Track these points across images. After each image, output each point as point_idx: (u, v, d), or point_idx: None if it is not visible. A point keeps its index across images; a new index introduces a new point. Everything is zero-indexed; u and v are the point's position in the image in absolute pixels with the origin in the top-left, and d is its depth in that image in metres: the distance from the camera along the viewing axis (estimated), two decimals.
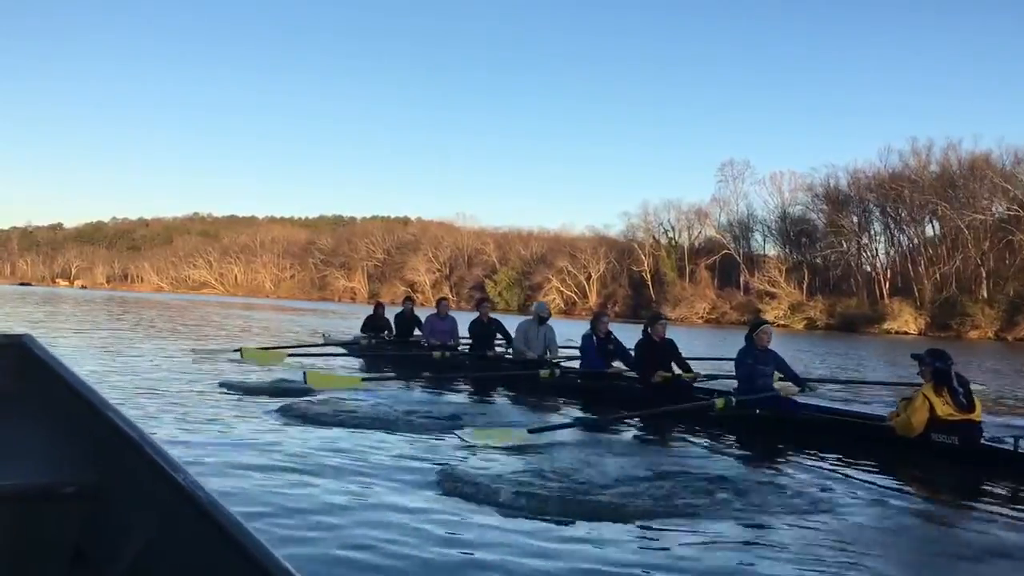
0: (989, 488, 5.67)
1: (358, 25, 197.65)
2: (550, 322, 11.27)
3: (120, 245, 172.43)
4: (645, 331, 8.97)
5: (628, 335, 10.58)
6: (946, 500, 5.51)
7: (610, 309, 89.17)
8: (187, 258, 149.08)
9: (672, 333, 9.39)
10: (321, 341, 15.84)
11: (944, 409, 6.13)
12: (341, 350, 14.37)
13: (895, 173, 75.59)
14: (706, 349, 21.66)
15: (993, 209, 64.72)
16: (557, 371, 9.75)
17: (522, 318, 12.24)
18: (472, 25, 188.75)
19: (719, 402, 7.27)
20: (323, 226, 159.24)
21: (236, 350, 12.16)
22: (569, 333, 13.20)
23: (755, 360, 7.75)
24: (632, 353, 9.46)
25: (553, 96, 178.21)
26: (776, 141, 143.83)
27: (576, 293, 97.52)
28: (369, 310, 15.60)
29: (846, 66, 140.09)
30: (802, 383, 7.94)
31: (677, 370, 8.87)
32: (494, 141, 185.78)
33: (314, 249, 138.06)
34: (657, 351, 8.83)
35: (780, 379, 7.88)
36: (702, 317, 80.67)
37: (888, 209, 76.34)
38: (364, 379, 9.49)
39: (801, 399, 7.86)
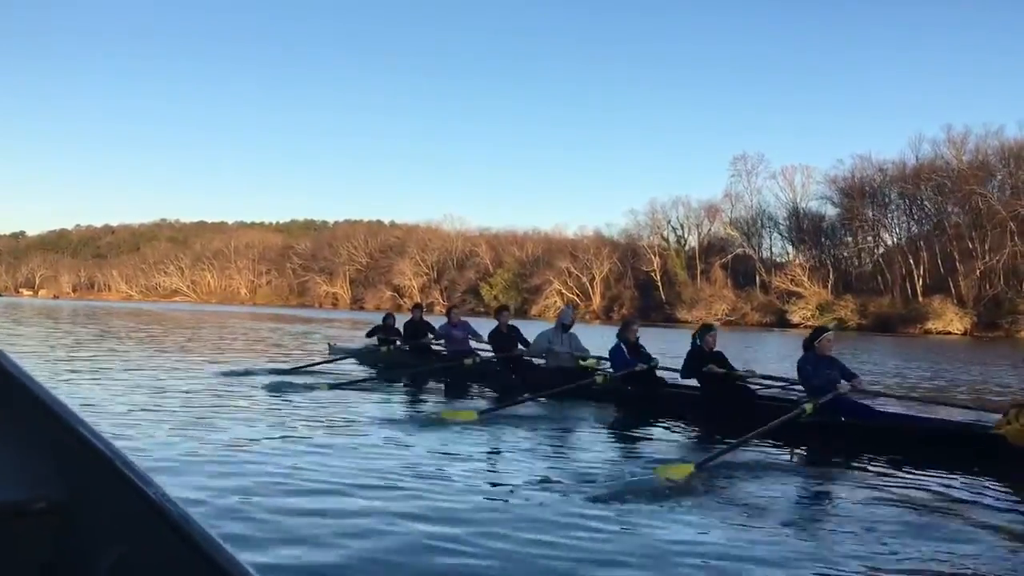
0: None
1: (332, 26, 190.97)
2: (574, 329, 10.98)
3: (85, 253, 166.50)
4: (695, 342, 8.74)
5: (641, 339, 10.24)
6: None
7: (616, 312, 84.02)
8: (157, 265, 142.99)
9: (687, 336, 9.43)
10: (327, 351, 15.53)
11: None
12: (354, 362, 13.81)
13: (928, 163, 70.57)
14: (732, 356, 18.88)
15: None
16: (609, 376, 9.42)
17: (519, 322, 12.10)
18: (462, 23, 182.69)
19: (808, 407, 6.94)
20: (296, 230, 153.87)
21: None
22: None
23: (818, 367, 7.41)
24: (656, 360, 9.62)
25: (539, 95, 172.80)
26: (787, 139, 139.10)
27: (579, 295, 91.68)
28: (372, 318, 15.63)
29: (859, 60, 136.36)
30: (854, 380, 7.46)
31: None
32: (480, 142, 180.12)
33: (292, 254, 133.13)
34: (708, 363, 8.57)
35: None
36: (720, 319, 74.87)
37: (924, 202, 71.23)
38: (481, 412, 8.16)
39: (879, 407, 7.64)
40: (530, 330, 12.22)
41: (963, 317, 62.42)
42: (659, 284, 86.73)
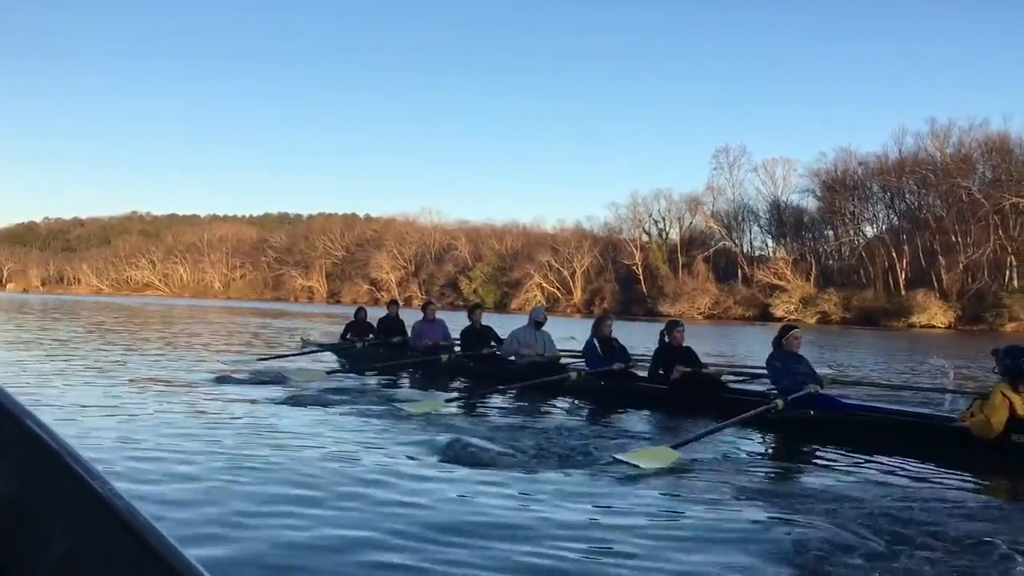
0: None
1: (305, 19, 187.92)
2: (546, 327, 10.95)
3: (54, 246, 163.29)
4: (663, 338, 8.81)
5: (621, 333, 10.24)
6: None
7: (597, 306, 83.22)
8: (128, 258, 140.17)
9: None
10: (300, 345, 15.39)
11: None
12: (329, 355, 13.72)
13: (912, 157, 70.26)
14: (711, 349, 19.14)
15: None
16: (583, 373, 9.38)
17: (499, 316, 12.41)
18: (438, 15, 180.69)
19: (780, 403, 7.07)
20: (271, 223, 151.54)
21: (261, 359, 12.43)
22: (555, 332, 11.80)
23: (786, 363, 7.58)
24: (630, 354, 9.62)
25: (516, 87, 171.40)
26: (771, 132, 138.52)
27: (559, 289, 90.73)
28: (349, 313, 15.41)
29: (844, 53, 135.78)
30: (820, 379, 7.65)
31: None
32: (457, 135, 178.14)
33: (267, 247, 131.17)
34: (677, 358, 8.60)
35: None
36: (703, 313, 74.46)
37: (907, 195, 70.92)
38: (447, 400, 8.53)
39: (847, 399, 7.70)
40: (508, 324, 12.02)
41: (947, 310, 62.16)
42: (641, 278, 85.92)
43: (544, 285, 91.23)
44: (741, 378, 9.22)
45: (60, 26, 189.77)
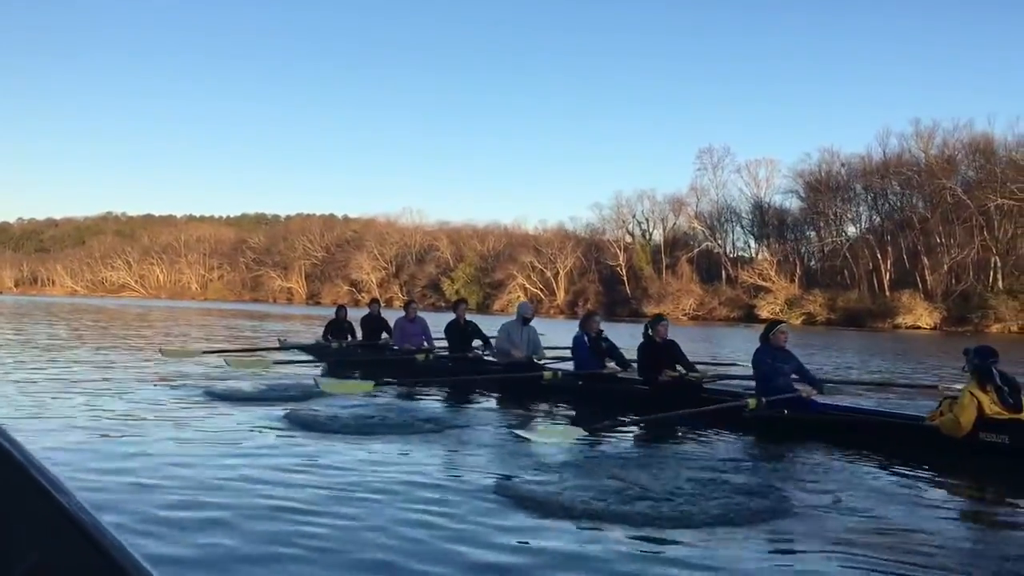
0: None
1: (278, 17, 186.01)
2: (533, 322, 10.89)
3: (27, 247, 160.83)
4: (646, 332, 8.77)
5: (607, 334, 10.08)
6: (998, 501, 5.29)
7: (581, 306, 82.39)
8: (103, 259, 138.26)
9: None
10: (277, 346, 15.03)
11: (992, 408, 5.96)
12: (304, 355, 13.59)
13: (896, 157, 70.07)
14: (695, 348, 19.32)
15: (1014, 191, 58.66)
16: (559, 373, 9.51)
17: (481, 317, 12.49)
18: (419, 13, 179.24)
19: (752, 402, 7.16)
20: (248, 224, 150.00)
21: (207, 351, 12.94)
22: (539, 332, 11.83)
23: (774, 360, 7.60)
24: (623, 352, 9.54)
25: (497, 88, 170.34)
26: (754, 134, 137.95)
27: (543, 290, 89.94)
28: (329, 314, 15.37)
29: (829, 54, 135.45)
30: (819, 385, 7.71)
31: (681, 370, 8.62)
32: (438, 135, 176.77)
33: (245, 248, 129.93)
34: (660, 353, 8.66)
35: (794, 380, 7.73)
36: (687, 314, 73.91)
37: (891, 196, 70.71)
38: (377, 384, 8.98)
39: (823, 400, 7.67)
40: (491, 325, 11.96)
41: (932, 312, 61.90)
42: (624, 279, 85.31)
43: (527, 286, 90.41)
44: (730, 379, 9.42)
45: (29, 25, 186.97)
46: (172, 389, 9.50)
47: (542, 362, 10.45)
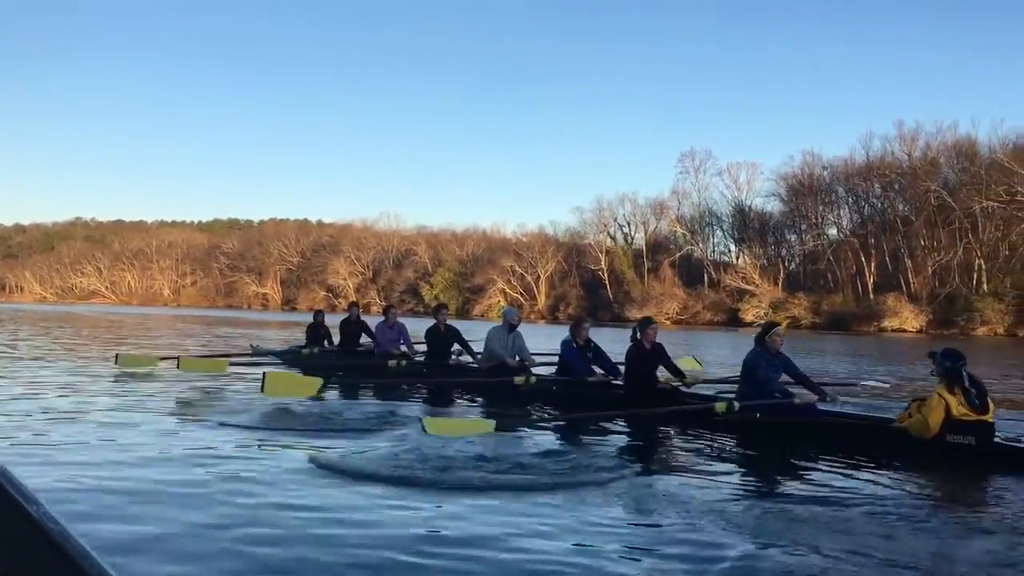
0: (1009, 488, 5.51)
1: (255, 20, 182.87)
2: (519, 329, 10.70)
3: None
4: (634, 336, 8.58)
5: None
6: (965, 502, 5.32)
7: (562, 311, 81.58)
8: (73, 265, 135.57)
9: None
10: (250, 352, 14.81)
11: (959, 409, 6.04)
12: (276, 360, 13.41)
13: (879, 160, 69.77)
14: (679, 354, 18.18)
15: (1000, 193, 58.25)
16: (533, 378, 9.37)
17: (461, 322, 11.81)
18: (394, 17, 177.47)
19: (719, 405, 7.13)
20: (221, 229, 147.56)
21: (164, 358, 12.54)
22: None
23: (767, 364, 7.45)
24: (611, 359, 9.33)
25: (475, 91, 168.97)
26: (738, 138, 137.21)
27: (523, 295, 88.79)
28: (306, 319, 15.29)
29: (813, 57, 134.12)
30: (821, 391, 7.47)
31: (667, 374, 8.65)
32: (414, 139, 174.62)
33: (218, 253, 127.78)
34: (649, 358, 8.45)
35: (787, 384, 7.70)
36: (671, 318, 72.96)
37: (874, 199, 70.32)
38: (326, 383, 8.77)
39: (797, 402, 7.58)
40: (469, 330, 11.77)
41: (918, 315, 61.42)
42: (606, 283, 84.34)
43: (507, 291, 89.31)
44: (726, 386, 9.27)
45: None
46: (120, 399, 9.07)
47: (531, 369, 10.20)
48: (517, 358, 10.26)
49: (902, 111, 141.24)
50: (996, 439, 6.20)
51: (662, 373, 8.77)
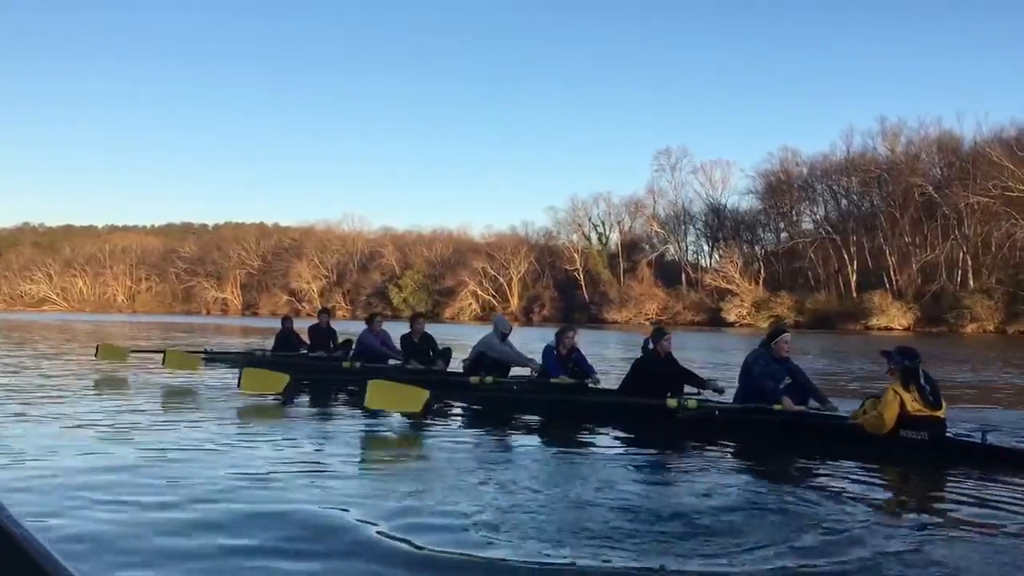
0: (958, 481, 5.65)
1: (207, 19, 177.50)
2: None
3: None
4: (646, 347, 8.45)
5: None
6: (919, 496, 5.48)
7: (536, 313, 79.23)
8: (22, 272, 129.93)
9: (619, 338, 12.61)
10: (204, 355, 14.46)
11: (914, 405, 6.17)
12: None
13: (860, 156, 68.60)
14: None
15: (990, 188, 57.06)
16: (485, 379, 9.21)
17: (431, 326, 11.92)
18: (355, 15, 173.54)
19: (672, 401, 7.26)
20: (175, 234, 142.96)
21: (160, 351, 12.93)
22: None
23: (766, 365, 7.30)
24: (594, 369, 9.30)
25: (442, 90, 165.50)
26: (717, 136, 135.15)
27: (495, 297, 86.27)
28: (268, 325, 16.09)
29: (794, 55, 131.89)
30: (825, 400, 7.31)
31: (688, 388, 8.27)
32: (376, 140, 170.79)
33: (175, 258, 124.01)
34: (660, 370, 8.22)
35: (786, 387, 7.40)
36: (650, 319, 70.91)
37: (856, 195, 69.05)
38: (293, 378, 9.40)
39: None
40: (440, 334, 11.57)
41: (906, 312, 60.04)
42: (582, 284, 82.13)
43: (479, 293, 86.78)
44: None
45: None
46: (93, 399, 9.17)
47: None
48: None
49: (885, 110, 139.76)
50: (947, 435, 6.33)
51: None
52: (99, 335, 27.84)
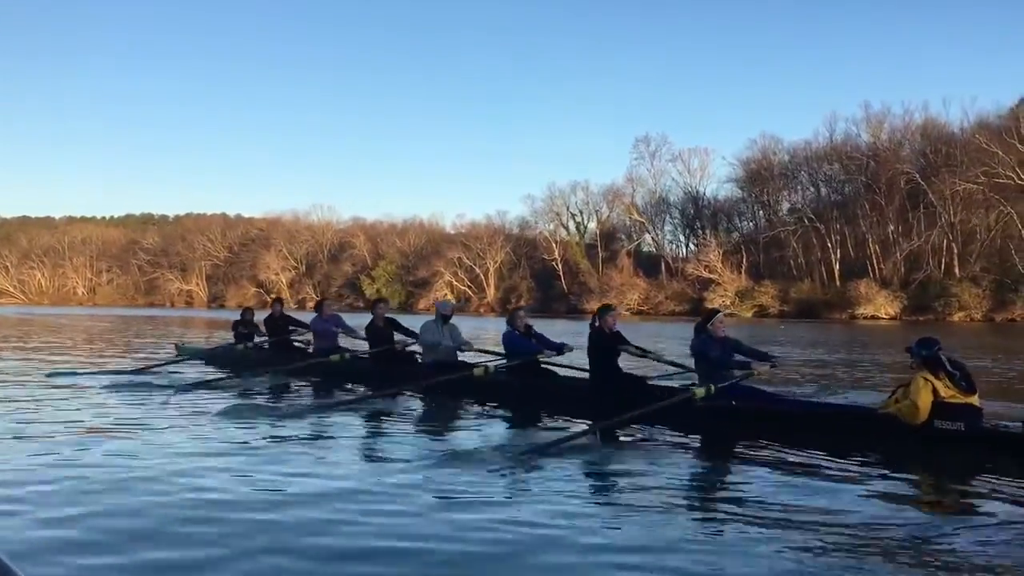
0: (999, 475, 5.31)
1: (165, 9, 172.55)
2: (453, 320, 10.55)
3: None
4: (594, 324, 8.48)
5: (544, 332, 9.87)
6: (958, 491, 5.17)
7: (513, 303, 77.49)
8: None
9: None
10: (175, 353, 14.69)
11: (947, 391, 5.92)
12: (204, 363, 13.28)
13: (843, 143, 67.58)
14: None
15: (979, 175, 56.15)
16: (492, 367, 9.17)
17: (405, 317, 12.22)
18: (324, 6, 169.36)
19: (699, 391, 7.03)
20: (135, 225, 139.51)
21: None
22: (466, 329, 11.79)
23: (717, 349, 7.46)
24: (553, 340, 9.44)
25: (411, 80, 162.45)
26: (698, 125, 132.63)
27: (471, 287, 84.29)
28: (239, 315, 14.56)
29: (777, 42, 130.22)
30: (768, 357, 7.57)
31: (635, 351, 8.55)
32: (344, 132, 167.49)
33: (137, 249, 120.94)
34: (607, 344, 8.31)
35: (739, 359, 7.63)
36: (631, 309, 69.49)
37: (839, 182, 68.00)
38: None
39: (768, 389, 7.83)
40: (415, 324, 11.20)
41: (893, 301, 59.06)
42: (560, 274, 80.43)
43: (454, 283, 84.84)
44: (675, 370, 9.32)
45: None
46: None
47: (477, 360, 9.91)
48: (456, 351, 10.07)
49: (870, 95, 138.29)
50: (985, 425, 6.03)
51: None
52: (70, 329, 26.70)
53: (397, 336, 10.97)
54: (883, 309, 58.83)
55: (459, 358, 10.05)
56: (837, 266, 65.77)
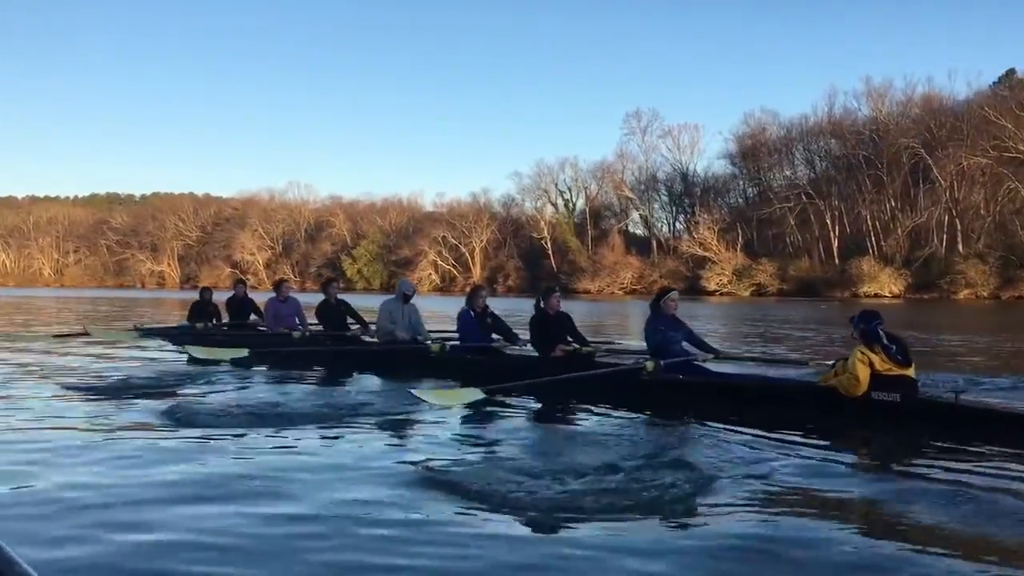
0: (933, 443, 5.53)
1: None
2: (416, 300, 10.47)
3: None
4: (538, 305, 8.62)
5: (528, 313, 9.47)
6: (893, 459, 5.32)
7: (501, 284, 75.32)
8: None
9: (590, 309, 10.22)
10: (133, 332, 14.27)
11: (883, 365, 6.10)
12: (164, 344, 12.84)
13: (843, 117, 65.69)
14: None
15: (988, 149, 54.46)
16: (447, 346, 9.41)
17: (389, 297, 11.31)
18: None
19: (649, 364, 7.21)
20: (101, 204, 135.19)
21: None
22: (450, 310, 12.38)
23: (667, 329, 7.63)
24: (509, 326, 9.43)
25: (393, 54, 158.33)
26: (688, 105, 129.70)
27: (456, 267, 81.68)
28: (195, 296, 14.52)
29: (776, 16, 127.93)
30: (714, 350, 7.78)
31: (573, 344, 8.63)
32: (320, 108, 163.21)
33: (106, 229, 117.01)
34: (552, 325, 8.52)
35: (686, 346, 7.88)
36: (624, 288, 67.34)
37: (839, 157, 66.03)
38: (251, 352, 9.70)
39: (715, 367, 7.73)
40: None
41: (896, 279, 57.37)
42: (549, 252, 78.01)
43: (439, 262, 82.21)
44: (621, 353, 9.30)
45: None
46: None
47: (426, 341, 9.81)
48: (415, 331, 9.97)
49: (871, 70, 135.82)
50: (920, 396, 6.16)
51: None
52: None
53: (351, 322, 10.97)
54: (887, 287, 57.22)
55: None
56: (836, 243, 64.04)
